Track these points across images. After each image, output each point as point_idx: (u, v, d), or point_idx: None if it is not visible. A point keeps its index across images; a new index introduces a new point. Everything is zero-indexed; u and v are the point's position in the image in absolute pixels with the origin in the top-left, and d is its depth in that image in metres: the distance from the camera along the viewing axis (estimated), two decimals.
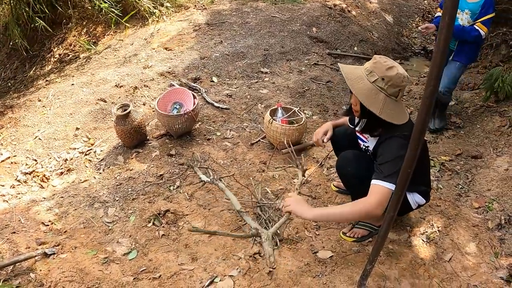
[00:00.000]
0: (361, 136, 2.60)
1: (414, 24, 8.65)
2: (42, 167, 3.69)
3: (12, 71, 6.40)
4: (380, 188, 2.14)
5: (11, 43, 6.24)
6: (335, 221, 2.68)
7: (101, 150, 3.86)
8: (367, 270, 2.10)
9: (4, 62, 6.62)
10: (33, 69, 6.10)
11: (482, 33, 3.92)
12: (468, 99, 4.79)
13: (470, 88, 5.11)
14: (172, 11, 6.76)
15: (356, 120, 2.55)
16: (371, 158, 2.51)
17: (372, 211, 2.12)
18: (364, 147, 2.59)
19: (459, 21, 4.09)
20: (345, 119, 2.90)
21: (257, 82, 5.03)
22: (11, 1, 5.68)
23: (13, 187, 3.48)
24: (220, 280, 2.43)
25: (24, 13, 5.52)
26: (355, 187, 2.60)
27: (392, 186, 2.12)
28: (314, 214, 2.27)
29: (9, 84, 5.90)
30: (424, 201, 2.58)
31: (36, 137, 4.07)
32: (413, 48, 7.47)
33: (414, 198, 2.54)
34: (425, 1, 9.83)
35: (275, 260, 2.52)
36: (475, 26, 3.92)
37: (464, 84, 5.21)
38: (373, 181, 2.18)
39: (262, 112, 4.39)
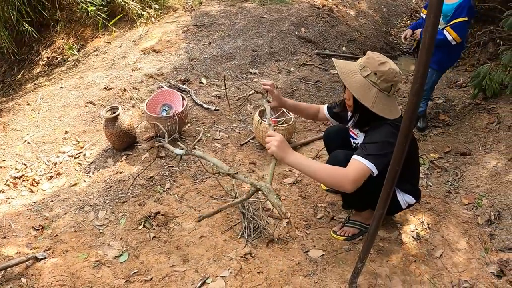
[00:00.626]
0: (352, 134, 2.61)
1: (402, 24, 8.70)
2: (31, 171, 3.67)
3: (0, 75, 6.35)
4: (359, 164, 2.12)
5: None
6: (307, 175, 2.53)
7: (91, 153, 3.84)
8: (358, 268, 2.11)
9: None
10: (21, 72, 6.07)
11: (450, 38, 3.81)
12: (456, 97, 4.83)
13: (458, 86, 5.15)
14: (160, 13, 6.74)
15: (349, 115, 2.56)
16: None
17: (345, 185, 2.10)
18: (354, 145, 2.60)
19: None
20: (304, 105, 2.87)
21: (246, 82, 5.03)
22: None
23: (3, 192, 3.45)
24: (211, 281, 2.42)
25: (12, 17, 5.47)
26: None
27: (371, 166, 2.11)
28: (291, 161, 2.19)
29: None
30: (414, 200, 2.59)
31: (25, 141, 4.04)
32: (401, 47, 7.51)
33: (404, 198, 2.56)
34: (413, 1, 9.90)
35: (286, 211, 2.47)
36: (444, 30, 3.85)
37: (452, 82, 5.26)
38: (354, 156, 2.17)
39: (251, 113, 4.39)
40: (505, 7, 4.84)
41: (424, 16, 3.88)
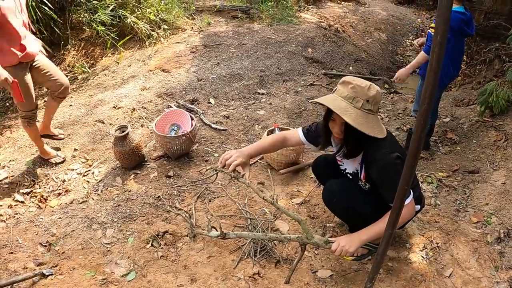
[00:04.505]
0: (338, 161, 2.66)
1: (408, 42, 8.76)
2: (40, 188, 3.69)
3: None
4: (411, 204, 2.32)
5: None
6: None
7: (99, 171, 3.86)
8: None
9: None
10: None
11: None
12: (463, 115, 4.82)
13: (465, 104, 5.15)
14: (169, 33, 6.83)
15: (334, 146, 2.59)
16: (355, 183, 2.57)
17: (409, 217, 2.42)
18: (343, 171, 2.66)
19: None
20: (267, 141, 2.72)
21: (254, 103, 5.06)
22: None
23: (11, 207, 3.47)
24: None
25: None
26: (346, 217, 2.72)
27: (410, 199, 2.32)
28: (365, 240, 2.32)
29: (7, 104, 5.89)
30: (419, 207, 2.57)
31: (34, 157, 4.08)
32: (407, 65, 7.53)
33: None
34: (419, 19, 10.00)
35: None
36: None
37: (459, 100, 5.26)
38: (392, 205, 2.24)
39: (259, 133, 4.41)
40: (510, 24, 4.86)
41: (430, 31, 3.83)
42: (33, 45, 3.55)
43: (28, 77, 3.54)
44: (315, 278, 2.58)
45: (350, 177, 2.60)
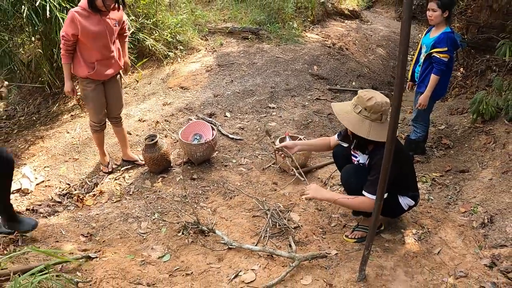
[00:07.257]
0: (353, 153, 3.16)
1: (409, 57, 9.22)
2: (75, 190, 4.19)
3: (35, 107, 6.79)
4: (368, 199, 2.80)
5: (39, 79, 6.58)
6: (341, 205, 3.21)
7: (129, 176, 4.35)
8: (365, 256, 2.54)
9: (27, 98, 7.08)
10: (57, 105, 6.53)
11: (445, 59, 4.06)
12: (457, 123, 5.27)
13: (459, 112, 5.59)
14: (185, 53, 7.34)
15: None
16: (365, 170, 3.04)
17: (368, 210, 2.78)
18: (356, 162, 3.15)
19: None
20: (316, 141, 3.71)
21: (265, 116, 5.55)
22: (43, 42, 6.16)
23: (49, 206, 3.95)
24: (244, 274, 2.87)
25: (54, 52, 5.97)
26: (357, 194, 3.15)
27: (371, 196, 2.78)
28: (328, 197, 3.05)
29: (34, 118, 6.33)
30: (413, 202, 3.08)
31: (67, 164, 4.59)
32: (407, 80, 7.97)
33: (405, 201, 3.03)
34: (420, 35, 10.45)
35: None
36: (434, 57, 4.14)
37: (454, 109, 5.70)
38: (366, 195, 2.83)
39: (272, 141, 4.85)
40: (501, 37, 5.30)
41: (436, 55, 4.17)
42: (106, 68, 3.92)
43: (94, 93, 3.95)
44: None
45: (361, 165, 3.12)
